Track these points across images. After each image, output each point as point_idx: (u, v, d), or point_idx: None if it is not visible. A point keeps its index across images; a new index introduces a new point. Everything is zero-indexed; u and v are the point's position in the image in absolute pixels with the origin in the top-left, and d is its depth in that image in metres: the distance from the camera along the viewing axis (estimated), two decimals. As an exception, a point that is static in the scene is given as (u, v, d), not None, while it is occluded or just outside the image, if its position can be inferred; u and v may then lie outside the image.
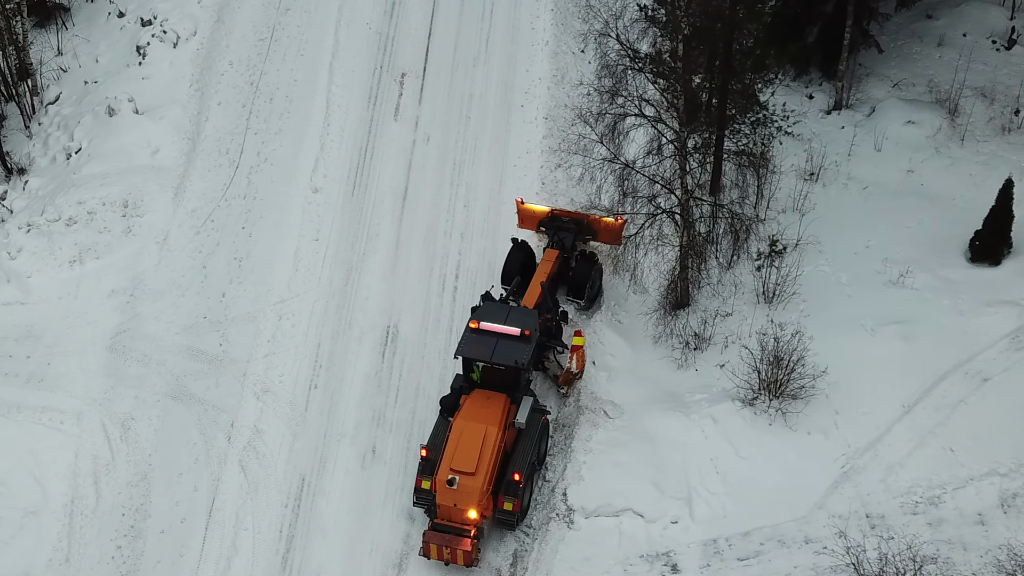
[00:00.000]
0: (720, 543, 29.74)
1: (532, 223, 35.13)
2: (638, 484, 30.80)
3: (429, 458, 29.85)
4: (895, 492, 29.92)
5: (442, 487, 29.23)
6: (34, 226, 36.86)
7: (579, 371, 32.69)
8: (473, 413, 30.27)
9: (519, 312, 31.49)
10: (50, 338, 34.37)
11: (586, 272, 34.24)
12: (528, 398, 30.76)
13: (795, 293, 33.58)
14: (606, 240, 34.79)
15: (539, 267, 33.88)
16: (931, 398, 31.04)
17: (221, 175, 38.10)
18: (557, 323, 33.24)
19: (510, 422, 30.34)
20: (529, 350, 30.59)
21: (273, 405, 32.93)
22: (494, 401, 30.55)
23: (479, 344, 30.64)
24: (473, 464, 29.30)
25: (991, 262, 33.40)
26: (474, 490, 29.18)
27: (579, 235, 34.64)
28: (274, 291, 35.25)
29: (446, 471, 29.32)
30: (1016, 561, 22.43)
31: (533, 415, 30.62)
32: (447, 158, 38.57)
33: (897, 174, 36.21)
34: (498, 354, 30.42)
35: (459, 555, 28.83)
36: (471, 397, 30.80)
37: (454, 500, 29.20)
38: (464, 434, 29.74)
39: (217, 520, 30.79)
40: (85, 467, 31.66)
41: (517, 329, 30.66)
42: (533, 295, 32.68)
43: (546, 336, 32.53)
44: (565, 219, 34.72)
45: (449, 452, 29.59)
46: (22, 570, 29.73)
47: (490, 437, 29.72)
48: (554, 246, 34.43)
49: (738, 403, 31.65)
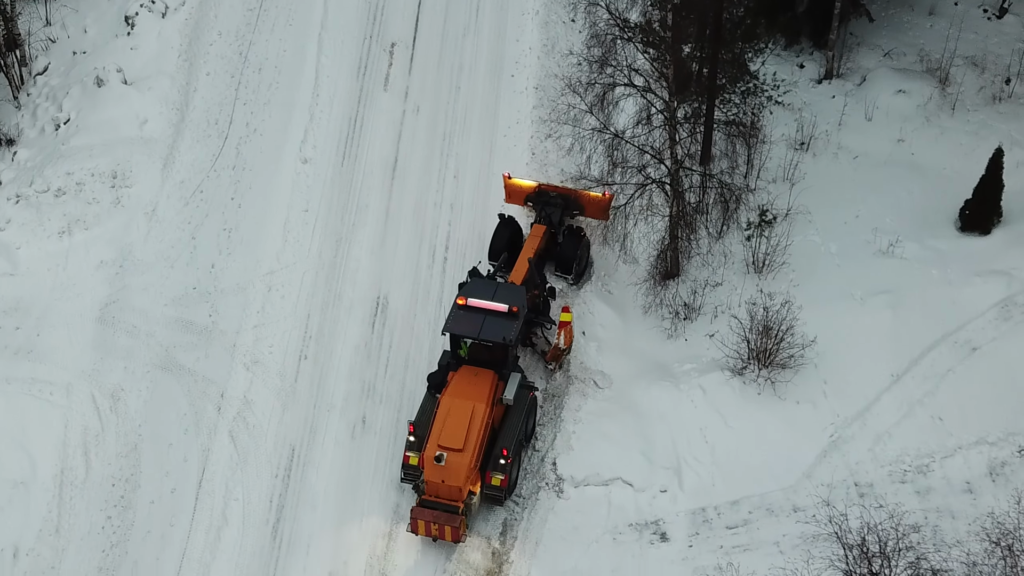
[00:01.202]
0: (708, 512, 29.85)
1: (519, 198, 35.04)
2: (627, 454, 30.88)
3: (417, 434, 29.84)
4: (883, 461, 30.03)
5: (430, 463, 29.20)
6: (23, 197, 36.75)
7: (567, 347, 32.64)
8: (461, 390, 30.23)
9: (507, 288, 31.42)
10: (39, 310, 34.31)
11: (573, 247, 34.18)
12: (516, 374, 30.74)
13: (785, 263, 33.58)
14: (593, 215, 34.72)
15: (526, 243, 33.80)
16: (920, 368, 31.11)
17: (210, 146, 37.95)
18: (545, 299, 33.18)
19: (498, 398, 30.32)
20: (517, 327, 30.54)
21: (263, 376, 32.92)
22: (482, 378, 30.50)
23: (467, 321, 30.56)
24: (461, 441, 29.28)
25: (981, 232, 33.40)
26: (462, 467, 29.16)
27: (566, 210, 34.53)
28: (263, 263, 35.18)
29: (434, 448, 29.28)
30: (1000, 529, 22.49)
31: (521, 391, 30.60)
32: (437, 129, 38.44)
33: (887, 144, 36.16)
34: (486, 331, 30.35)
35: (447, 531, 28.86)
36: (459, 374, 30.73)
37: (442, 477, 29.15)
38: (452, 411, 29.73)
39: (207, 491, 30.84)
40: (74, 438, 31.68)
41: (505, 306, 30.59)
42: (520, 271, 32.61)
43: (534, 312, 32.46)
44: (552, 194, 34.61)
45: (437, 429, 29.56)
46: (12, 541, 29.81)
47: (478, 414, 29.70)
48: (541, 221, 34.33)
49: (727, 373, 31.71)
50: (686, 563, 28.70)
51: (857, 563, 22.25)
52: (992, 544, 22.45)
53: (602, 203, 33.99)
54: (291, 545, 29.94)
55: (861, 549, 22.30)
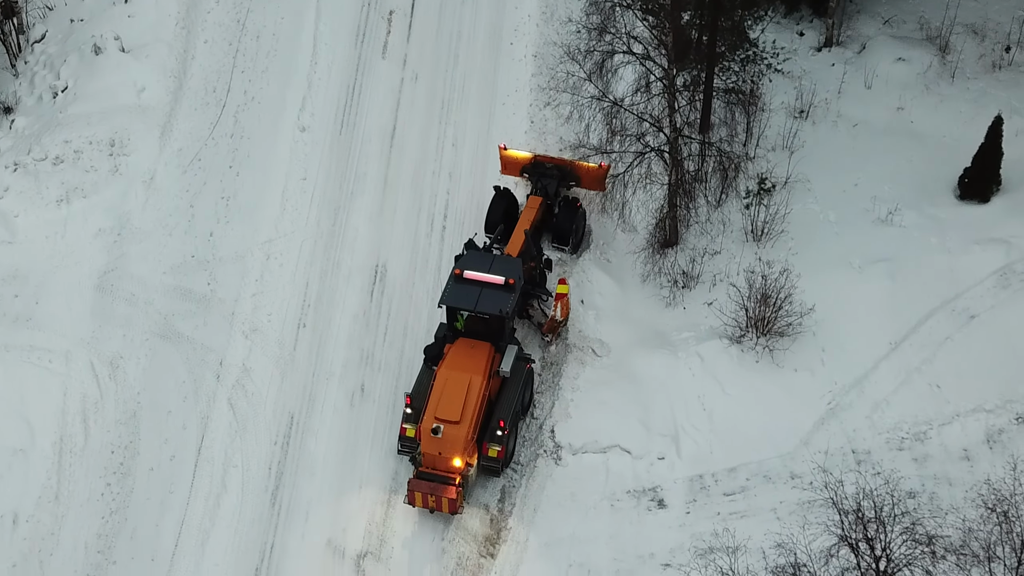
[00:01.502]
0: (706, 479, 29.94)
1: (515, 169, 34.92)
2: (625, 421, 30.95)
3: (413, 406, 29.86)
4: (881, 429, 30.10)
5: (427, 436, 29.20)
6: (20, 165, 36.69)
7: (564, 319, 32.61)
8: (457, 362, 30.22)
9: (503, 260, 31.37)
10: (37, 278, 34.30)
11: (570, 218, 34.09)
12: (512, 347, 30.73)
13: (783, 231, 33.56)
14: (589, 186, 34.62)
15: (522, 215, 33.70)
16: (917, 335, 31.15)
17: (208, 114, 37.85)
18: (541, 271, 33.14)
19: (494, 371, 30.32)
20: (513, 299, 30.50)
21: (261, 344, 32.96)
22: (478, 350, 30.48)
23: (463, 293, 30.53)
24: (458, 413, 29.30)
25: (980, 200, 33.38)
26: (459, 439, 29.18)
27: (562, 181, 34.43)
28: (261, 231, 35.17)
29: (431, 420, 29.29)
30: (996, 495, 22.57)
31: (517, 364, 30.57)
32: (435, 97, 38.32)
33: (887, 112, 36.09)
34: (482, 303, 30.30)
35: (444, 503, 28.91)
36: (455, 346, 30.74)
37: (439, 448, 29.19)
38: (448, 383, 29.72)
39: (206, 458, 30.93)
40: (73, 406, 31.74)
41: (501, 278, 30.54)
42: (516, 243, 32.54)
43: (530, 284, 32.44)
44: (548, 165, 34.49)
45: (434, 401, 29.56)
46: (11, 508, 29.89)
47: (474, 386, 29.70)
48: (537, 193, 34.23)
49: (725, 341, 31.74)
50: (683, 529, 28.79)
51: (852, 528, 22.32)
52: (988, 510, 22.52)
53: (598, 174, 33.90)
54: (290, 512, 30.04)
55: (857, 514, 22.36)
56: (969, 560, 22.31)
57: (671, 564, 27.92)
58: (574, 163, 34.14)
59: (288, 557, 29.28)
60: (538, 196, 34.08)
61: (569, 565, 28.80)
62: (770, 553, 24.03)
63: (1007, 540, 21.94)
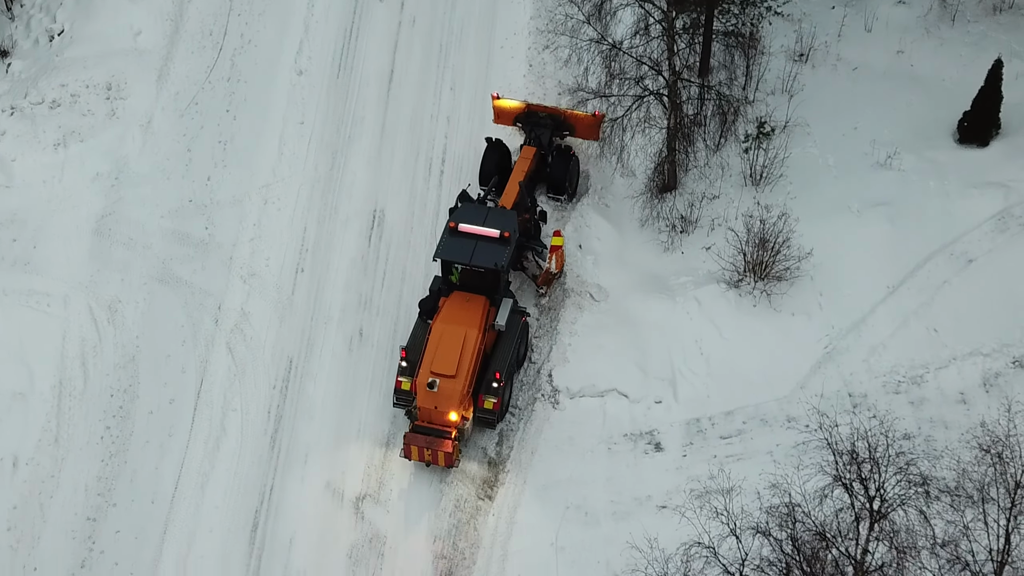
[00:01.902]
0: (703, 422, 30.07)
1: (508, 118, 34.68)
2: (622, 366, 31.04)
3: (409, 359, 29.76)
4: (877, 372, 30.19)
5: (422, 390, 29.17)
6: (17, 109, 36.56)
7: (558, 271, 32.50)
8: (453, 316, 30.17)
9: (498, 213, 31.20)
10: (35, 222, 34.25)
11: (563, 168, 33.91)
12: (508, 300, 30.65)
13: (782, 175, 33.50)
14: (584, 135, 34.40)
15: (516, 165, 33.50)
16: (915, 279, 31.16)
17: (204, 58, 37.65)
18: (535, 222, 32.93)
19: (490, 324, 30.28)
20: (508, 252, 30.40)
21: (260, 289, 32.99)
22: (473, 303, 30.45)
23: (458, 246, 30.36)
24: (453, 367, 29.24)
25: (979, 144, 33.27)
26: (455, 392, 29.17)
27: (556, 130, 34.19)
28: (259, 175, 35.09)
29: (426, 374, 29.23)
30: (991, 437, 22.69)
31: (513, 317, 30.52)
32: (433, 40, 38.09)
33: (886, 55, 35.89)
34: (477, 256, 30.17)
35: (440, 456, 28.95)
36: (450, 299, 30.67)
37: (435, 403, 29.15)
38: (444, 337, 29.66)
39: (205, 401, 31.05)
40: (72, 350, 31.80)
41: (496, 231, 30.38)
42: (511, 195, 32.38)
43: (525, 236, 32.23)
44: (541, 114, 34.25)
45: (429, 355, 29.49)
46: (11, 451, 30.01)
47: (470, 339, 29.66)
48: (531, 143, 34.00)
49: (723, 285, 31.76)
50: (680, 472, 28.95)
51: (847, 469, 22.45)
52: (982, 451, 22.63)
53: (592, 122, 33.71)
54: (289, 455, 30.21)
55: (851, 455, 22.48)
56: (963, 501, 22.44)
57: (667, 506, 28.09)
58: (567, 112, 33.95)
59: (287, 500, 29.48)
60: (532, 146, 33.85)
61: (566, 507, 28.98)
62: (764, 494, 24.16)
63: (1001, 481, 22.06)
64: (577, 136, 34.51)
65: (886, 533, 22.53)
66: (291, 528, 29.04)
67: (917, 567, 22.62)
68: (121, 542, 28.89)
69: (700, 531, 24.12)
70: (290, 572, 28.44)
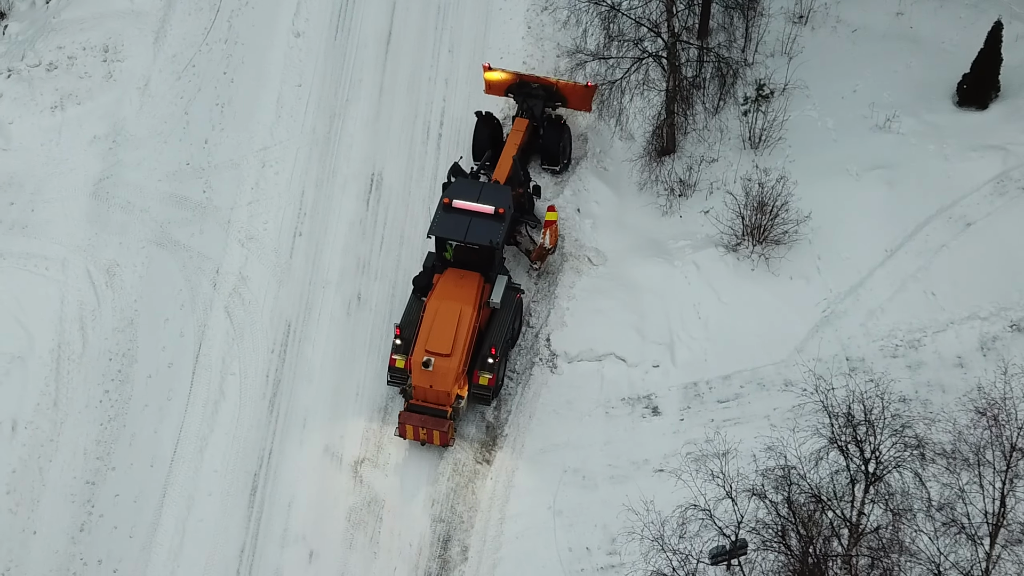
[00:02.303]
0: (700, 386, 30.13)
1: (499, 89, 34.28)
2: (620, 330, 31.07)
3: (403, 337, 29.55)
4: (875, 336, 30.24)
5: (417, 368, 28.95)
6: (14, 71, 36.43)
7: (552, 247, 32.10)
8: (447, 292, 29.92)
9: (492, 189, 30.83)
10: (33, 185, 34.19)
11: (556, 138, 33.51)
12: (503, 277, 30.40)
13: (781, 138, 33.41)
14: (576, 106, 34.04)
15: (508, 138, 33.05)
16: (913, 243, 31.16)
17: (202, 19, 37.45)
18: (529, 197, 32.59)
19: (484, 301, 30.05)
20: (503, 228, 30.04)
21: (258, 252, 32.97)
22: (468, 280, 30.17)
23: (452, 223, 30.00)
24: (448, 345, 29.03)
25: (978, 106, 33.17)
26: (450, 371, 28.95)
27: (548, 101, 33.79)
28: (257, 138, 34.99)
29: (421, 352, 29.03)
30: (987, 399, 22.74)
31: (508, 293, 30.27)
32: (431, 2, 37.78)
33: (886, 17, 35.68)
34: (472, 233, 29.82)
35: (435, 436, 28.76)
36: (444, 276, 30.40)
37: (430, 381, 28.92)
38: (439, 314, 29.43)
39: (204, 365, 31.09)
40: (71, 313, 31.82)
41: (491, 207, 30.01)
42: (504, 168, 31.93)
43: (519, 211, 31.91)
44: (533, 85, 33.80)
45: (424, 333, 29.27)
46: (10, 414, 30.09)
47: (465, 317, 29.42)
48: (523, 115, 33.53)
49: (721, 249, 31.76)
50: (677, 436, 29.03)
51: (842, 431, 22.52)
52: (978, 414, 22.69)
53: (585, 93, 33.39)
54: (288, 419, 30.30)
55: (847, 418, 22.54)
56: (959, 464, 22.52)
57: (664, 470, 28.17)
58: (559, 82, 33.64)
59: (286, 463, 29.60)
60: (524, 119, 33.37)
61: (564, 471, 29.09)
62: (760, 456, 24.24)
63: (996, 444, 22.13)
64: (570, 107, 34.18)
65: (882, 495, 22.63)
66: (290, 492, 29.15)
67: (913, 530, 22.72)
68: (120, 505, 29.01)
69: (696, 494, 24.23)
70: (289, 535, 28.58)
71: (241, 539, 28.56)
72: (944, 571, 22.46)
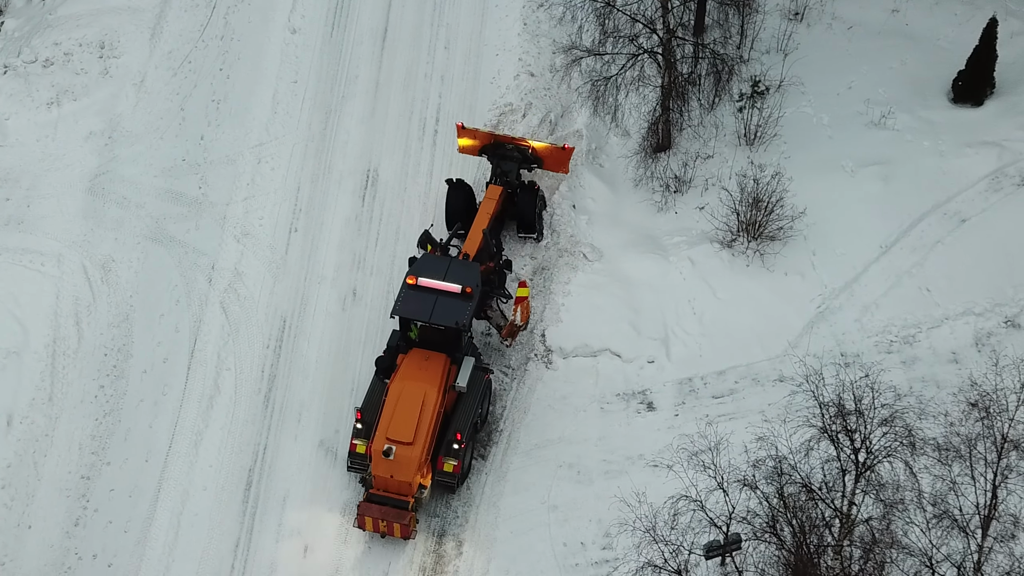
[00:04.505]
0: (695, 382, 30.15)
1: (473, 150, 33.13)
2: (615, 325, 31.08)
3: (364, 420, 28.15)
4: (870, 332, 30.27)
5: (378, 457, 27.53)
6: (11, 67, 36.46)
7: (524, 324, 30.73)
8: (411, 374, 28.37)
9: (460, 266, 29.53)
10: (28, 180, 34.20)
11: (531, 205, 32.11)
12: (470, 359, 28.85)
13: (776, 135, 33.47)
14: (552, 167, 32.83)
15: (481, 207, 31.67)
16: (908, 239, 31.21)
17: (198, 15, 37.49)
18: (500, 271, 30.91)
19: (451, 384, 28.60)
20: (470, 308, 28.73)
21: (253, 248, 32.99)
22: (433, 362, 28.65)
23: (417, 302, 28.70)
24: (411, 433, 27.55)
25: (973, 103, 33.24)
26: (412, 460, 27.50)
27: (523, 163, 32.59)
28: (252, 134, 35.02)
29: (382, 440, 27.55)
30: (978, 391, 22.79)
31: (476, 374, 28.78)
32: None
33: (881, 14, 35.77)
34: (437, 314, 28.52)
35: (396, 528, 27.42)
36: (409, 357, 28.87)
37: (390, 471, 27.48)
38: (401, 398, 27.95)
39: (199, 360, 31.09)
40: (66, 308, 31.82)
41: (458, 286, 28.72)
42: (474, 242, 30.66)
43: (488, 286, 30.22)
44: (508, 146, 32.62)
45: (385, 419, 27.78)
46: (5, 409, 30.05)
47: (429, 401, 27.98)
48: (497, 181, 32.32)
49: (716, 245, 31.78)
50: (671, 431, 28.94)
51: (832, 421, 22.55)
52: (970, 406, 22.72)
53: (562, 155, 32.40)
54: (283, 414, 30.28)
55: (838, 407, 22.58)
56: (951, 456, 22.53)
57: (659, 465, 28.11)
58: (535, 145, 32.43)
59: (281, 458, 29.57)
60: (498, 186, 32.12)
61: (559, 466, 29.09)
62: (752, 447, 24.25)
63: (988, 435, 22.15)
64: (546, 168, 32.95)
65: (872, 486, 22.65)
66: (285, 486, 29.12)
67: (904, 521, 22.74)
68: (115, 500, 28.99)
69: (687, 485, 24.25)
70: (283, 530, 28.55)
71: (236, 533, 28.53)
72: (936, 563, 22.46)
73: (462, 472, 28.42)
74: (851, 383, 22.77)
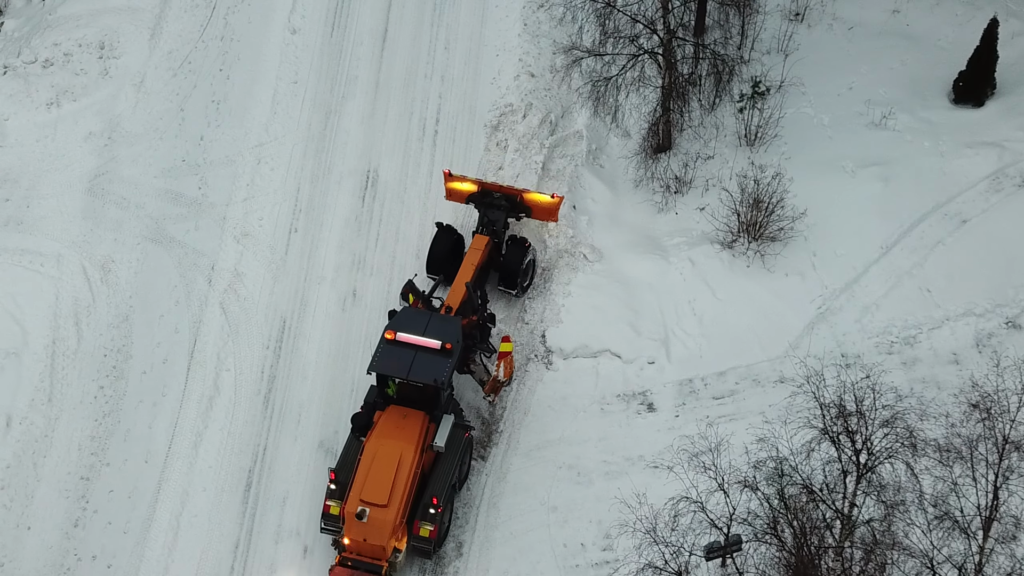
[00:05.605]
0: (696, 383, 30.12)
1: (460, 197, 32.37)
2: (616, 326, 31.06)
3: (338, 481, 27.14)
4: (870, 332, 30.26)
5: (351, 520, 26.58)
6: (10, 68, 36.43)
7: (507, 379, 29.87)
8: (387, 432, 27.47)
9: (440, 320, 28.56)
10: (28, 181, 34.16)
11: (518, 260, 31.27)
12: (449, 417, 27.93)
13: (777, 135, 33.45)
14: (541, 217, 32.10)
15: (465, 258, 30.86)
16: (909, 239, 31.20)
17: (197, 16, 37.44)
18: (484, 324, 30.16)
19: (429, 443, 27.67)
20: (450, 365, 27.72)
21: (253, 249, 32.95)
22: (411, 420, 27.74)
23: (395, 358, 27.68)
24: (385, 495, 26.53)
25: (974, 103, 33.22)
26: (386, 524, 26.50)
27: (511, 212, 31.86)
28: (252, 134, 34.98)
29: (355, 502, 26.57)
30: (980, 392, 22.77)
31: (455, 432, 27.95)
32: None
33: (882, 14, 35.75)
34: (416, 370, 27.50)
35: None
36: (386, 414, 28.01)
37: (364, 534, 26.53)
38: (377, 458, 26.99)
39: (199, 361, 31.05)
40: (66, 309, 31.78)
41: (438, 342, 27.69)
42: (457, 295, 29.88)
43: (471, 340, 29.51)
44: (496, 195, 31.88)
45: (360, 479, 26.81)
46: (4, 409, 30.00)
47: (405, 462, 26.99)
48: (484, 231, 31.52)
49: (717, 246, 31.76)
50: (672, 432, 28.90)
51: (833, 422, 22.53)
52: (971, 407, 22.70)
53: (550, 205, 31.69)
54: (283, 414, 30.24)
55: (839, 408, 22.56)
56: (952, 457, 22.51)
57: (659, 466, 28.07)
58: (524, 193, 31.82)
59: (280, 459, 29.53)
60: (484, 235, 31.29)
61: (559, 467, 29.06)
62: (752, 448, 24.23)
63: (989, 437, 22.13)
64: (534, 218, 32.21)
65: (874, 487, 22.62)
66: (284, 487, 29.09)
67: (905, 522, 22.71)
68: (114, 501, 28.95)
69: (688, 486, 24.22)
70: (283, 531, 28.51)
71: (235, 534, 28.50)
72: (937, 565, 22.43)
73: (439, 536, 27.44)
74: (852, 384, 22.74)
